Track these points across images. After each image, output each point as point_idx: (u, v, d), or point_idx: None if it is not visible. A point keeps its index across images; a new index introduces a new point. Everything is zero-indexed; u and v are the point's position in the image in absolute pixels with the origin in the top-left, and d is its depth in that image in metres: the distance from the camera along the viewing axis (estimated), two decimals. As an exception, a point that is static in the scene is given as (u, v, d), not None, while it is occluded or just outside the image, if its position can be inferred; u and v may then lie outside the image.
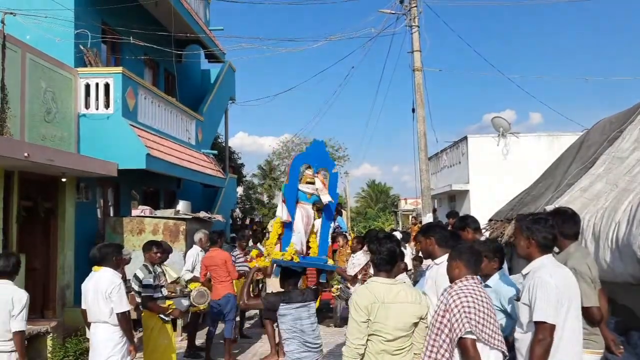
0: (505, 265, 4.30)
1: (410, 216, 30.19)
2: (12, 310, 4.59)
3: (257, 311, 11.00)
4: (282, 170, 39.58)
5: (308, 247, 4.91)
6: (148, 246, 6.00)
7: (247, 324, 10.09)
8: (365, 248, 8.12)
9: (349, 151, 39.91)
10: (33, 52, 8.45)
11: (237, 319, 9.15)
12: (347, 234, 9.42)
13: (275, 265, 4.69)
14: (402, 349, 3.33)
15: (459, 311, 3.14)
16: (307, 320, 4.36)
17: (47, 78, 8.76)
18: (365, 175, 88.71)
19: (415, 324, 3.38)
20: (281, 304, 4.33)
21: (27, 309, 4.75)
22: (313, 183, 4.75)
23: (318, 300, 9.93)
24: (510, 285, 3.90)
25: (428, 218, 12.24)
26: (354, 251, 8.16)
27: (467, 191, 17.45)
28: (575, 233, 4.00)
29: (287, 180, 4.80)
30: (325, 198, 4.69)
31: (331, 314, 9.94)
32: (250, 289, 4.83)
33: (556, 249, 4.10)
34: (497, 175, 16.36)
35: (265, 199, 30.51)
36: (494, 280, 4.02)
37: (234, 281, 7.82)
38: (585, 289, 3.62)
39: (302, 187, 4.73)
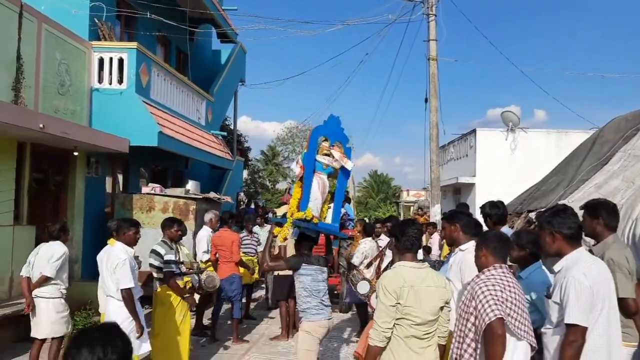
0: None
1: (412, 208, 30.20)
2: (50, 259, 5.58)
3: (262, 293, 11.06)
4: (286, 156, 39.40)
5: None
6: (169, 223, 5.93)
7: (251, 305, 10.12)
8: (373, 236, 8.15)
9: (353, 140, 39.75)
10: (49, 22, 8.37)
11: (244, 300, 9.20)
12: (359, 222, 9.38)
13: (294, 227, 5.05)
14: (429, 333, 3.33)
15: (485, 298, 3.04)
16: (322, 283, 4.93)
17: (61, 50, 8.69)
18: (367, 165, 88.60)
19: (441, 309, 3.37)
20: (303, 265, 4.85)
21: (61, 262, 5.63)
22: (329, 155, 5.10)
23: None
24: (544, 279, 3.81)
25: (436, 209, 12.22)
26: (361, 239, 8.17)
27: (472, 184, 17.42)
28: (616, 225, 3.95)
29: (307, 149, 5.16)
30: (349, 164, 5.11)
31: (337, 300, 9.96)
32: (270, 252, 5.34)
33: (593, 241, 4.06)
34: (503, 169, 16.34)
35: (268, 183, 30.48)
36: (528, 272, 3.92)
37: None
38: (622, 280, 3.57)
39: (319, 158, 5.07)
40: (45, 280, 5.57)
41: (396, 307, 3.24)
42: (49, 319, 5.60)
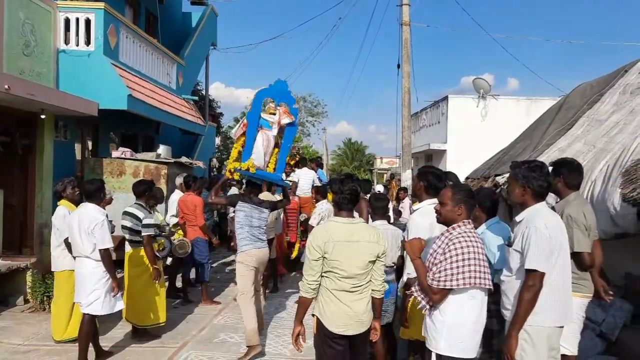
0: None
1: (385, 175, 30.55)
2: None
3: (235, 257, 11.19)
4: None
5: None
6: (146, 188, 5.95)
7: (227, 269, 10.30)
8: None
9: (327, 108, 39.66)
10: (10, -20, 8.05)
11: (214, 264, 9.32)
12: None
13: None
14: (359, 286, 3.42)
15: (462, 259, 3.13)
16: (256, 219, 5.62)
17: (25, 9, 8.39)
18: (342, 134, 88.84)
19: (372, 262, 3.44)
20: (239, 202, 5.62)
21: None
22: (275, 114, 5.67)
23: (296, 248, 10.14)
24: (499, 234, 4.00)
25: (407, 174, 12.42)
26: (317, 201, 8.42)
27: (444, 151, 17.69)
28: (579, 183, 4.13)
29: (250, 109, 5.76)
30: (285, 120, 5.68)
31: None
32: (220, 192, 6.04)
33: (557, 198, 4.25)
34: (474, 136, 16.60)
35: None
36: (483, 228, 4.11)
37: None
38: (578, 235, 3.77)
39: (266, 116, 5.65)
40: None
41: (321, 261, 3.35)
42: None
